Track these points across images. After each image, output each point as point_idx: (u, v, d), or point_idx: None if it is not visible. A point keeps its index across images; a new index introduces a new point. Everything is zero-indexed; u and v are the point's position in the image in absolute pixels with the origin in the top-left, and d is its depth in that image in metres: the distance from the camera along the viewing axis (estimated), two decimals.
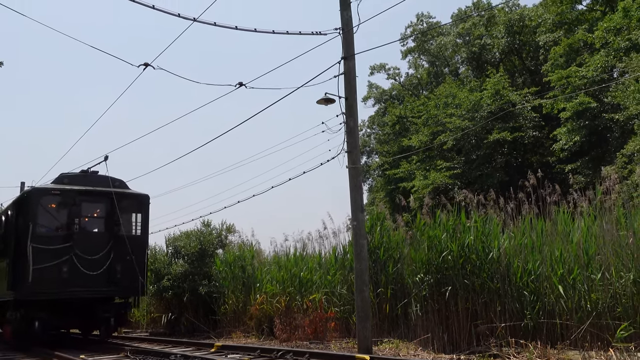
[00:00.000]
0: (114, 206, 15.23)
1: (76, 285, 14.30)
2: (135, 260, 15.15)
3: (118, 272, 14.96)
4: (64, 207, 14.81)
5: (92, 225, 15.63)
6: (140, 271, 15.28)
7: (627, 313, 9.50)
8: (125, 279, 15.04)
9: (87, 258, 14.52)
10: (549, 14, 33.87)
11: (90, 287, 14.51)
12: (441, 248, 11.67)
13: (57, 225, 14.80)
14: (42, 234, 14.27)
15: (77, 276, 14.28)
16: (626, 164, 22.50)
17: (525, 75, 38.76)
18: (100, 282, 14.66)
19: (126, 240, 15.10)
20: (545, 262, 10.91)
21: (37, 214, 14.35)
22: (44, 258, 13.94)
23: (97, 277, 14.60)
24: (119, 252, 15.04)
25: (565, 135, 27.71)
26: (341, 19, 12.14)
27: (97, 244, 14.93)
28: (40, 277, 13.81)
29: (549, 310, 10.56)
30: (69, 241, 14.43)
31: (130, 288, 15.25)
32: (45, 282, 13.88)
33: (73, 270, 14.25)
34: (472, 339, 11.09)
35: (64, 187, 14.92)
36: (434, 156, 32.79)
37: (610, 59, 26.57)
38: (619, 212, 10.78)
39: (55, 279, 14.03)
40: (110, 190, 15.40)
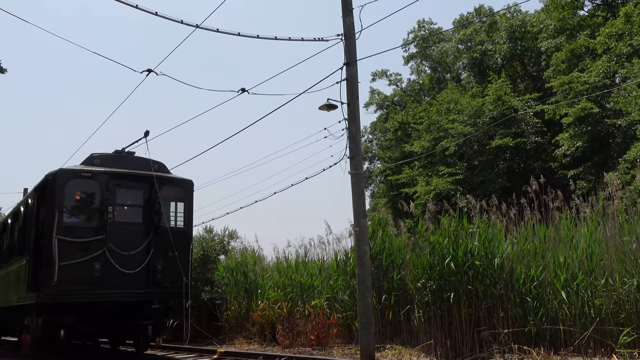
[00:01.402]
0: (155, 193, 12.99)
1: (110, 285, 12.12)
2: (178, 258, 12.96)
3: (159, 271, 12.77)
4: (96, 192, 12.58)
5: (129, 215, 13.25)
6: (184, 270, 13.08)
7: (631, 319, 9.47)
8: (166, 280, 12.90)
9: (122, 254, 12.35)
10: (550, 19, 33.92)
11: (126, 288, 12.37)
12: (443, 254, 11.65)
13: (88, 214, 12.62)
14: (69, 225, 12.09)
15: (111, 275, 12.12)
16: (629, 169, 22.47)
17: (527, 81, 38.79)
18: (137, 283, 12.53)
19: (169, 234, 12.94)
20: (549, 268, 10.88)
21: (63, 200, 12.09)
22: (72, 253, 11.81)
23: (134, 277, 12.44)
24: (159, 248, 12.88)
25: (567, 140, 27.70)
26: (343, 25, 12.17)
27: (134, 238, 12.71)
28: (67, 276, 11.67)
29: (552, 317, 10.53)
30: (101, 233, 12.23)
31: (173, 290, 13.12)
32: (73, 281, 11.79)
33: (106, 268, 12.09)
34: (475, 345, 11.05)
35: (95, 169, 12.61)
36: (436, 162, 32.78)
37: (612, 64, 26.59)
38: (621, 218, 10.76)
39: (85, 278, 11.90)
40: (150, 173, 13.08)
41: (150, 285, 12.66)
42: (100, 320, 12.76)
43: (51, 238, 11.66)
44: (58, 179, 12.17)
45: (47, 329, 12.00)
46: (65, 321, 12.04)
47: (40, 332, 12.09)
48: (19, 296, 13.13)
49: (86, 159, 12.95)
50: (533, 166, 30.45)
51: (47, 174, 12.31)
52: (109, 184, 12.57)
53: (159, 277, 12.74)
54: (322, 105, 12.38)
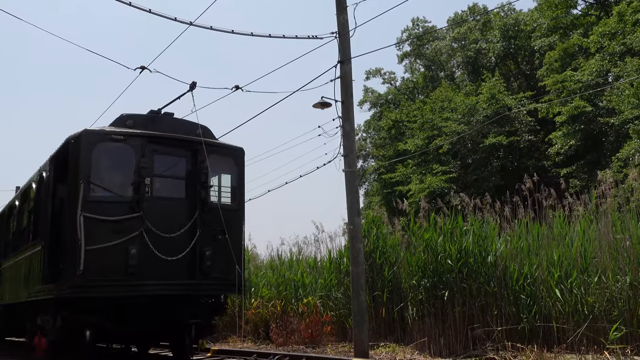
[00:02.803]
0: (201, 162, 10.60)
1: (148, 275, 9.67)
2: (230, 242, 10.57)
3: (207, 258, 10.31)
4: (130, 159, 10.10)
5: (169, 189, 10.82)
6: (237, 258, 10.62)
7: (623, 316, 9.51)
8: (215, 269, 10.43)
9: (162, 236, 9.86)
10: (544, 18, 34.04)
11: (167, 278, 9.89)
12: (437, 251, 11.67)
13: (120, 186, 10.10)
14: (98, 199, 9.60)
15: (150, 262, 9.68)
16: (621, 167, 22.57)
17: (521, 80, 38.91)
18: (180, 272, 10.08)
19: (219, 212, 10.54)
20: (542, 266, 10.92)
21: (90, 169, 9.63)
22: (101, 235, 9.35)
23: (177, 265, 9.97)
24: (207, 229, 10.42)
25: (560, 139, 27.83)
26: (337, 23, 12.16)
27: (176, 216, 10.24)
28: (95, 264, 9.22)
29: (545, 314, 10.57)
30: (137, 210, 9.72)
31: (224, 282, 10.61)
32: (103, 270, 9.31)
33: (144, 254, 9.61)
34: (468, 343, 11.08)
35: (130, 131, 10.14)
36: (429, 160, 32.86)
37: (605, 63, 26.71)
38: (614, 216, 10.80)
39: (119, 266, 9.46)
40: (195, 138, 10.68)
41: (196, 275, 10.20)
42: (134, 319, 10.23)
43: (75, 216, 9.22)
44: (83, 143, 9.68)
45: (68, 330, 9.64)
46: (92, 320, 9.62)
47: (59, 333, 9.67)
48: (31, 290, 10.86)
49: (115, 120, 10.37)
50: (526, 164, 30.58)
51: (67, 138, 9.90)
52: (146, 149, 10.08)
53: (207, 265, 10.29)
54: (316, 103, 12.37)
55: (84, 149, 9.67)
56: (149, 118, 10.78)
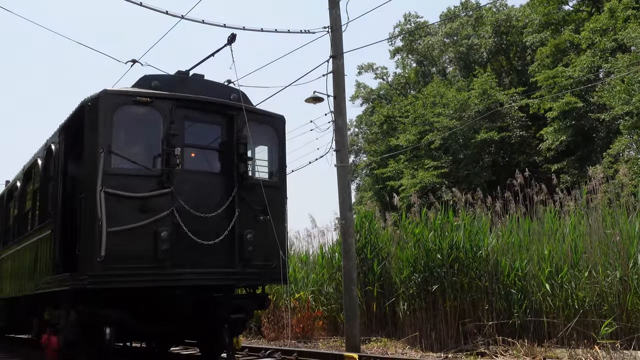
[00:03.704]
0: (239, 131, 9.06)
1: (181, 262, 8.15)
2: (272, 224, 9.07)
3: (247, 243, 8.79)
4: (158, 126, 8.53)
5: (202, 161, 9.24)
6: (280, 242, 9.17)
7: (613, 311, 9.58)
8: (257, 255, 8.92)
9: (197, 216, 8.35)
10: (536, 14, 34.14)
11: (203, 265, 8.42)
12: (428, 247, 11.70)
13: (146, 157, 8.56)
14: (121, 172, 8.07)
15: (182, 247, 8.17)
16: (612, 163, 22.70)
17: (512, 75, 39.00)
18: (218, 259, 8.61)
19: (260, 189, 8.99)
20: (533, 261, 10.97)
21: (111, 137, 8.06)
22: (125, 214, 7.84)
23: (214, 251, 8.46)
24: (246, 208, 8.90)
25: (551, 134, 27.95)
26: (329, 18, 12.13)
27: (211, 193, 8.76)
28: (119, 249, 7.72)
29: (536, 309, 10.62)
30: (167, 185, 8.16)
31: (266, 270, 9.14)
32: (128, 257, 7.81)
33: (175, 237, 8.09)
34: (459, 338, 11.12)
35: (157, 93, 8.55)
36: (421, 155, 32.92)
37: (596, 59, 26.82)
38: (604, 211, 10.86)
39: (147, 251, 7.93)
40: (232, 103, 9.21)
41: (235, 262, 8.71)
42: (163, 314, 8.71)
43: (94, 191, 7.68)
44: (102, 106, 8.13)
45: (84, 327, 8.21)
46: (113, 316, 8.08)
47: (74, 331, 8.25)
48: (39, 281, 9.40)
49: (138, 82, 8.85)
50: (518, 160, 30.69)
51: (83, 101, 8.42)
52: (175, 114, 8.52)
53: (249, 250, 8.79)
54: (309, 97, 12.37)
55: (103, 113, 8.09)
56: (177, 79, 9.27)
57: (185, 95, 8.75)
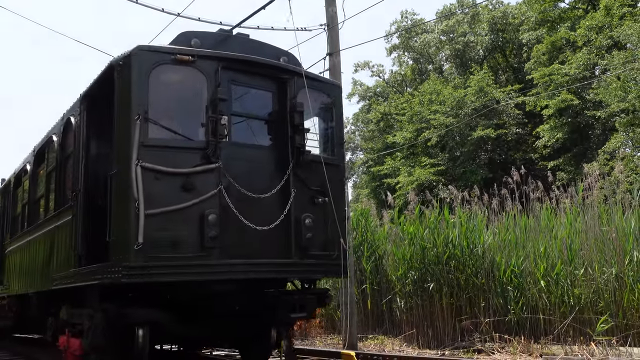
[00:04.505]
0: (293, 98, 7.81)
1: (232, 251, 6.89)
2: (333, 207, 7.85)
3: (306, 228, 7.53)
4: (201, 90, 7.19)
5: (251, 133, 7.93)
6: (341, 229, 8.00)
7: (609, 307, 9.61)
8: (317, 243, 7.70)
9: (248, 197, 7.11)
10: (532, 11, 34.19)
11: (256, 255, 7.15)
12: (423, 244, 11.72)
13: (189, 126, 7.25)
14: (160, 143, 6.79)
15: (233, 233, 6.94)
16: (608, 160, 22.77)
17: (509, 73, 39.06)
18: (272, 248, 7.33)
19: (319, 167, 7.82)
20: (529, 258, 11.00)
21: (148, 101, 6.76)
22: (166, 193, 6.63)
23: (268, 238, 7.21)
24: (303, 189, 7.69)
25: (547, 132, 28.02)
26: (326, 15, 12.13)
27: (262, 171, 7.57)
28: (159, 235, 6.48)
29: (533, 306, 10.65)
30: (214, 159, 6.92)
31: (325, 262, 7.90)
32: (170, 244, 6.54)
33: (224, 221, 6.84)
34: (456, 335, 11.15)
35: (201, 51, 7.21)
36: (418, 153, 32.96)
37: (592, 56, 26.87)
38: (600, 209, 10.89)
39: (191, 238, 6.66)
40: (289, 66, 8.00)
41: (291, 252, 7.47)
42: (208, 313, 7.48)
43: (129, 166, 6.47)
44: (136, 65, 6.81)
45: (114, 329, 6.96)
46: (149, 315, 6.82)
47: (102, 333, 6.97)
48: (57, 275, 8.12)
49: (177, 38, 7.45)
50: (514, 157, 30.76)
51: (112, 61, 7.15)
52: (221, 77, 7.22)
53: (307, 238, 7.52)
54: None
55: (137, 73, 6.82)
56: (220, 38, 7.96)
57: (233, 55, 7.46)
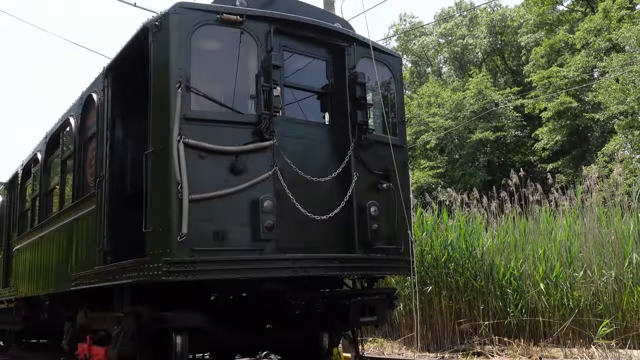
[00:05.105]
0: (352, 67, 6.79)
1: (289, 244, 5.88)
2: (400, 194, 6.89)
3: (371, 218, 6.49)
4: (249, 55, 6.19)
5: (305, 108, 6.89)
6: (408, 219, 7.01)
7: (609, 310, 9.59)
8: (383, 236, 6.66)
9: (304, 181, 6.11)
10: (530, 14, 34.23)
11: (314, 249, 6.14)
12: (422, 247, 11.69)
13: (237, 97, 6.17)
14: (204, 117, 5.79)
15: (290, 223, 5.94)
16: (606, 163, 22.78)
17: (507, 75, 39.08)
18: (332, 240, 6.35)
19: (383, 148, 6.89)
20: (528, 261, 10.98)
21: (190, 68, 5.78)
22: (212, 175, 5.65)
23: (326, 228, 6.21)
24: (365, 173, 6.68)
25: (546, 134, 28.03)
26: None
27: (318, 151, 6.58)
28: (207, 224, 5.52)
29: (532, 308, 10.63)
30: (267, 136, 5.91)
31: (392, 257, 6.84)
32: (220, 235, 5.54)
33: (280, 209, 5.83)
34: (455, 338, 11.12)
35: (250, 10, 6.19)
36: (417, 155, 32.95)
37: (590, 59, 26.91)
38: (599, 211, 10.88)
39: (244, 227, 5.67)
40: (347, 31, 7.02)
41: (354, 245, 6.41)
42: (257, 316, 6.61)
43: (169, 144, 5.47)
44: (176, 24, 5.80)
45: (148, 336, 5.90)
46: (189, 320, 5.79)
47: (134, 341, 5.89)
48: (76, 274, 7.10)
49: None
50: (513, 160, 30.77)
51: (145, 22, 6.15)
52: (272, 42, 6.16)
53: (373, 230, 6.48)
54: None
55: (177, 34, 5.76)
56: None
57: (286, 15, 6.42)
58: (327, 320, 6.44)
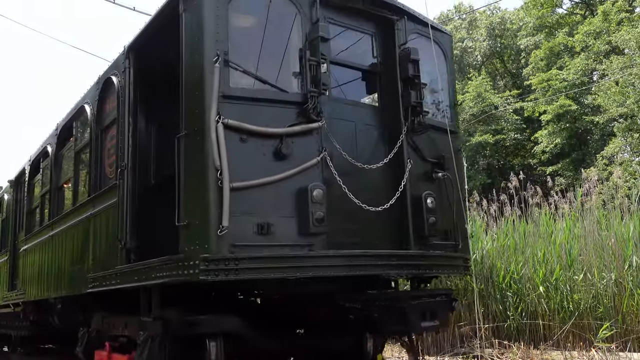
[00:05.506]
0: (403, 43, 6.15)
1: (340, 239, 5.23)
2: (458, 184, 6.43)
3: (428, 211, 5.86)
4: (294, 28, 5.56)
5: (351, 87, 6.49)
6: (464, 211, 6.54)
7: (609, 313, 9.57)
8: (440, 231, 6.06)
9: (353, 168, 5.53)
10: (529, 17, 34.30)
11: (366, 245, 5.45)
12: None
13: (278, 73, 5.45)
14: (244, 94, 5.14)
15: (340, 215, 5.32)
16: (606, 165, 22.80)
17: (507, 78, 39.11)
18: (384, 234, 5.79)
19: (439, 133, 6.37)
20: (528, 264, 10.97)
21: (228, 38, 5.09)
22: (255, 161, 5.01)
23: (378, 222, 5.65)
24: (418, 161, 6.06)
25: (546, 137, 28.05)
26: None
27: (368, 135, 5.99)
28: (250, 216, 4.85)
29: (532, 311, 10.61)
30: (314, 116, 5.24)
31: (452, 254, 6.22)
32: (265, 229, 4.86)
33: (330, 199, 5.14)
34: (455, 341, 11.10)
35: None
36: None
37: (590, 62, 26.94)
38: (599, 214, 10.88)
39: (291, 220, 5.02)
40: (396, 2, 6.33)
41: (410, 240, 5.77)
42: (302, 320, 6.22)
43: (205, 125, 4.83)
44: None
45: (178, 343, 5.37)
46: (226, 324, 5.29)
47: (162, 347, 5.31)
48: (94, 275, 6.52)
49: None
50: (512, 163, 30.78)
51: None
52: (316, 12, 5.55)
53: (430, 223, 5.85)
54: None
55: (213, 1, 5.14)
56: None
57: None
58: (380, 325, 5.66)
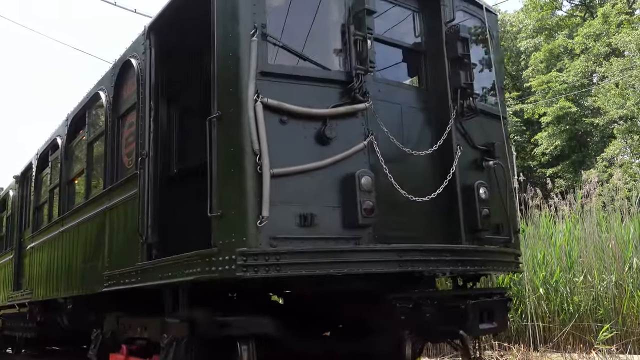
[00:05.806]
0: (450, 20, 5.62)
1: (386, 232, 4.66)
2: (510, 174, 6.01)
3: (481, 202, 5.32)
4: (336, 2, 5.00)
5: (394, 67, 5.92)
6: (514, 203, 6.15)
7: (609, 315, 9.57)
8: (492, 224, 5.53)
9: (399, 154, 4.97)
10: (529, 19, 34.31)
11: (414, 238, 4.85)
12: None
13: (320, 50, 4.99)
14: (285, 71, 4.60)
15: (386, 206, 4.69)
16: (606, 167, 22.80)
17: (507, 80, 39.13)
18: (433, 227, 5.23)
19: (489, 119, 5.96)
20: (528, 265, 10.96)
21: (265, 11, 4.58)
22: (296, 145, 4.48)
23: (426, 213, 5.11)
24: (467, 148, 5.52)
25: (546, 139, 28.06)
26: None
27: (414, 119, 5.45)
28: (293, 205, 4.32)
29: (532, 313, 10.60)
30: (360, 97, 4.72)
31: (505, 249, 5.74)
32: (308, 220, 4.32)
33: (377, 188, 4.58)
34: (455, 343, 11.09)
35: None
36: None
37: (590, 64, 26.97)
38: (599, 216, 10.87)
39: (337, 210, 4.49)
40: None
41: (461, 234, 5.23)
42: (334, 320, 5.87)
43: (242, 105, 4.34)
44: None
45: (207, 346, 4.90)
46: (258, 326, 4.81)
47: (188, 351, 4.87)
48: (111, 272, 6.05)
49: None
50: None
51: None
52: None
53: (484, 215, 5.36)
54: None
55: None
56: None
57: None
58: (432, 326, 5.08)
